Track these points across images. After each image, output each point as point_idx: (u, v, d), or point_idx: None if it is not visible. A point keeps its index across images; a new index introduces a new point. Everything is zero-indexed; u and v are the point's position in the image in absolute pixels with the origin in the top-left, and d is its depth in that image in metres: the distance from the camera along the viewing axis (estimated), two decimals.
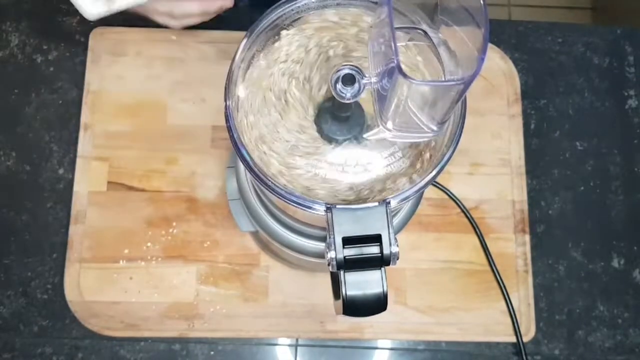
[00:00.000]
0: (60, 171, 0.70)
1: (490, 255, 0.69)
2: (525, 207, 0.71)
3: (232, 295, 0.67)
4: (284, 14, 0.40)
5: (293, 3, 0.40)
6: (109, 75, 0.72)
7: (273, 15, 0.40)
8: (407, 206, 0.52)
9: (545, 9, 1.64)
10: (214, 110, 0.72)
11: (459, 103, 0.36)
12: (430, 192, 0.70)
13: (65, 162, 0.70)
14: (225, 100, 0.39)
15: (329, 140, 0.39)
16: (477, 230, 0.69)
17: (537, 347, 0.68)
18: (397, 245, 0.36)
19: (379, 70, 0.34)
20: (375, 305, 0.37)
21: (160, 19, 0.64)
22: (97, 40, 0.72)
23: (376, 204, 0.36)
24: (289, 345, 0.67)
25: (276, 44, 0.40)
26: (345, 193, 0.38)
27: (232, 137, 0.39)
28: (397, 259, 0.36)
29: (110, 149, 0.70)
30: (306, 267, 0.66)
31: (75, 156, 0.70)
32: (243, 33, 0.40)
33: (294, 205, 0.37)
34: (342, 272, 0.37)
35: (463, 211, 0.70)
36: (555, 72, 0.76)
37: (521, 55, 0.76)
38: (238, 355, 0.66)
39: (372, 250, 0.36)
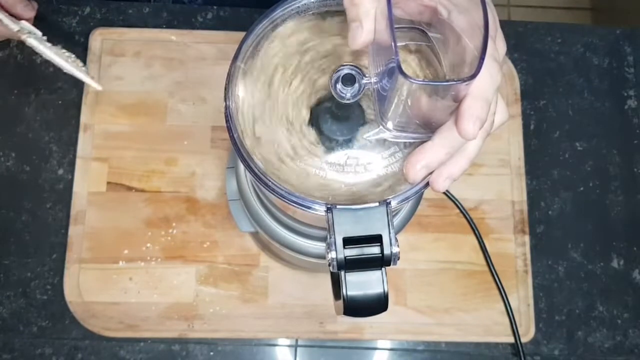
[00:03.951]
0: (60, 171, 0.70)
1: (489, 256, 0.69)
2: (525, 207, 0.71)
3: (231, 295, 0.67)
4: (284, 14, 0.40)
5: (293, 3, 0.40)
6: (109, 76, 0.72)
7: (273, 16, 0.40)
8: (406, 207, 0.52)
9: (545, 10, 1.65)
10: (214, 110, 0.71)
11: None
12: (430, 193, 0.70)
13: (65, 163, 0.70)
14: (225, 101, 0.39)
15: (329, 140, 0.39)
16: (475, 231, 0.69)
17: (536, 348, 0.68)
18: (398, 246, 0.36)
19: (379, 70, 0.34)
20: (376, 305, 0.37)
21: None
22: (97, 40, 0.72)
23: (377, 204, 0.36)
24: (289, 346, 0.67)
25: (275, 44, 0.40)
26: (346, 193, 0.38)
27: (232, 137, 0.38)
28: (398, 259, 0.36)
29: (110, 150, 0.70)
30: (306, 267, 0.66)
31: (74, 157, 0.69)
32: (243, 33, 0.40)
33: (294, 206, 0.37)
34: (342, 273, 0.37)
35: (462, 212, 0.70)
36: (554, 73, 0.76)
37: (520, 56, 0.76)
38: (238, 355, 0.66)
39: (373, 250, 0.36)
